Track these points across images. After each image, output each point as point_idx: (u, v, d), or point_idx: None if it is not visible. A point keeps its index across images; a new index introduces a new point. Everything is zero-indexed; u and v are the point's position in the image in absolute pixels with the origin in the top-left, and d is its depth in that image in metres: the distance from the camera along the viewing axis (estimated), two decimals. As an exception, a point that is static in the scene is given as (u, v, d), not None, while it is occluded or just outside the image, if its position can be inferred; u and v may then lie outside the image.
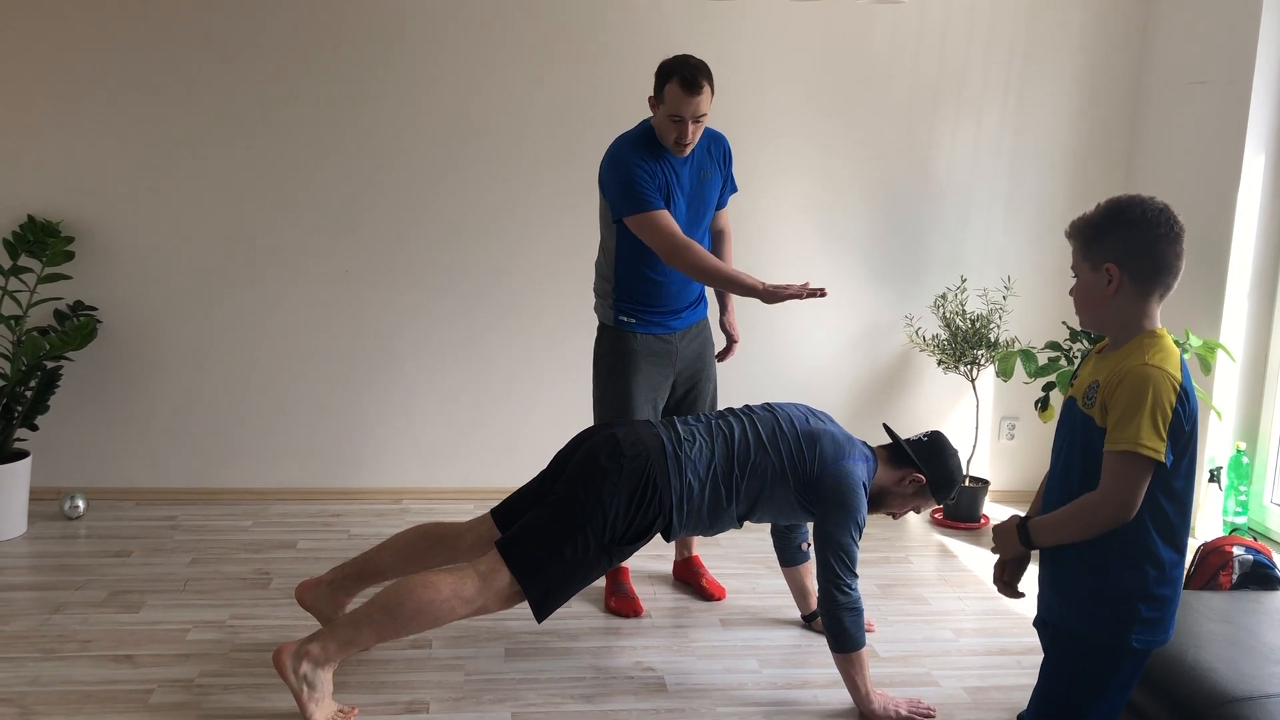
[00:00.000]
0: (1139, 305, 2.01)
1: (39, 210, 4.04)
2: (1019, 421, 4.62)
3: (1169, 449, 1.95)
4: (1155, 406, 1.94)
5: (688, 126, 3.10)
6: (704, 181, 3.32)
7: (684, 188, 3.26)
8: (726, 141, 3.42)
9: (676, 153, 3.19)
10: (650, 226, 3.13)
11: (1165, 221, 1.98)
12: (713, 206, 3.39)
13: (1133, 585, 2.02)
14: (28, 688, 2.77)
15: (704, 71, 3.10)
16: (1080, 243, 2.05)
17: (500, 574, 2.63)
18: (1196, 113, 4.07)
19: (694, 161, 3.28)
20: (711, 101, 3.14)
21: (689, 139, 3.13)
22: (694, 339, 3.45)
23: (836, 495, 2.78)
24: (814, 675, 2.99)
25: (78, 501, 4.01)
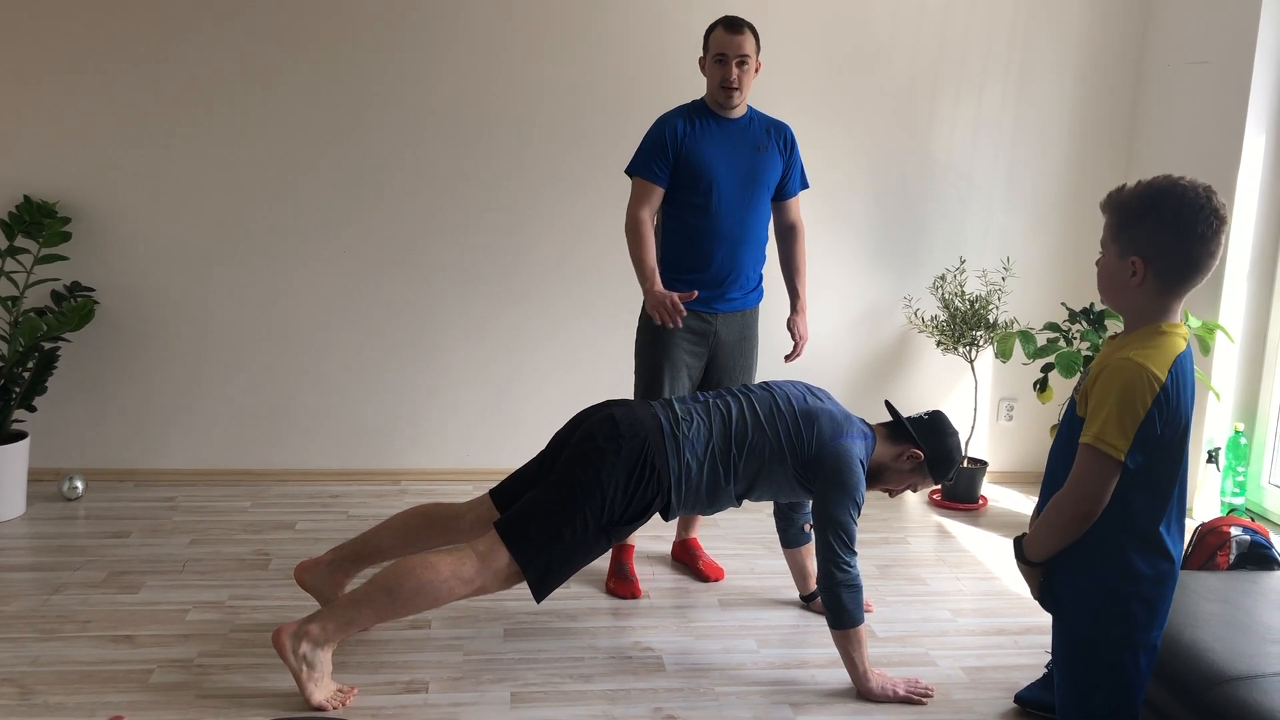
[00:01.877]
0: (1159, 300, 1.94)
1: (35, 191, 4.03)
2: (1017, 402, 4.63)
3: (1135, 450, 1.89)
4: (1124, 404, 1.89)
5: (731, 67, 3.18)
6: (759, 156, 3.30)
7: (730, 154, 3.26)
8: (790, 131, 3.41)
9: (724, 100, 3.23)
10: (632, 189, 3.28)
11: (1204, 219, 1.86)
12: (767, 188, 3.35)
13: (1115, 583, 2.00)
14: (28, 668, 2.77)
15: (748, 22, 3.25)
16: (1112, 221, 1.95)
17: (499, 554, 2.63)
18: (1197, 93, 4.06)
19: (750, 133, 3.31)
20: (758, 54, 3.25)
21: (734, 80, 3.19)
22: (736, 325, 3.42)
23: (835, 473, 2.78)
24: (812, 655, 3.00)
25: (76, 483, 4.01)
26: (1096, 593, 2.02)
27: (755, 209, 3.33)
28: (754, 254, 3.38)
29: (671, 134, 3.27)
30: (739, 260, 3.32)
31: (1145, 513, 1.97)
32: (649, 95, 4.20)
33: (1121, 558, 1.98)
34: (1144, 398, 1.88)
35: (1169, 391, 1.90)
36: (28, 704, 2.60)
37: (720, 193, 3.27)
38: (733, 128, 3.31)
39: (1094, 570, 2.01)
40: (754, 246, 3.37)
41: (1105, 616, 2.02)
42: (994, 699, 2.79)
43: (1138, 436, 1.89)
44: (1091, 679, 2.07)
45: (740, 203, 3.29)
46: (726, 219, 3.29)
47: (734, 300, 3.38)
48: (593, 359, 4.38)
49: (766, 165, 3.32)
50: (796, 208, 3.49)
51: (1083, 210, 4.50)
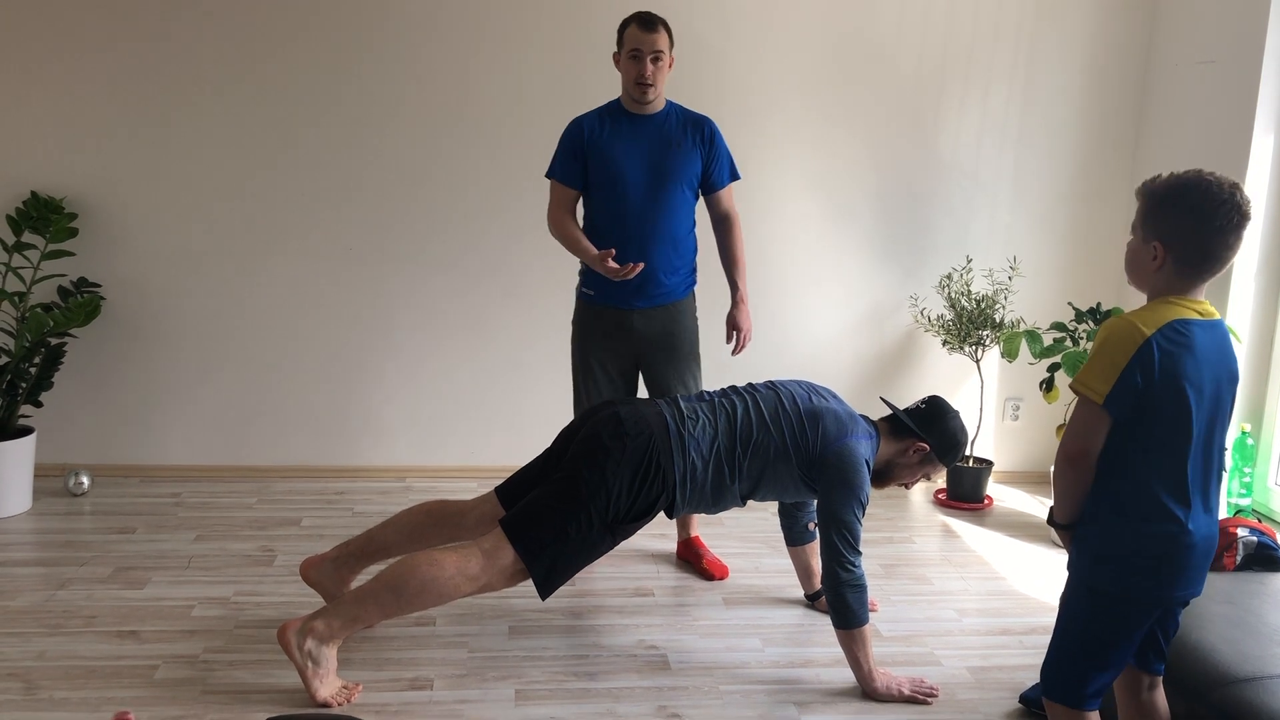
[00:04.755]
0: (1176, 284, 2.02)
1: (42, 187, 4.03)
2: (1023, 402, 4.62)
3: (1117, 398, 1.97)
4: (1104, 350, 1.99)
5: (646, 64, 3.21)
6: (672, 152, 3.31)
7: (639, 152, 3.30)
8: (713, 126, 3.40)
9: (639, 96, 3.26)
10: (549, 192, 3.40)
11: (1224, 213, 1.95)
12: (683, 183, 3.35)
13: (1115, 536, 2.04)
14: (34, 663, 2.78)
15: (661, 18, 3.26)
16: (1141, 206, 2.05)
17: (504, 552, 2.63)
18: (1205, 92, 4.04)
19: (664, 129, 3.32)
20: (671, 50, 3.27)
21: (649, 76, 3.21)
22: (658, 321, 3.42)
23: (839, 473, 2.78)
24: (817, 654, 3.00)
25: (82, 478, 4.02)
26: (1097, 544, 2.07)
27: (669, 205, 3.33)
28: (670, 250, 3.37)
29: (580, 135, 3.35)
30: (651, 257, 3.31)
31: (1145, 472, 2.01)
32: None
33: (1122, 513, 2.03)
34: (1124, 347, 1.97)
35: (1154, 346, 1.96)
36: (33, 699, 2.61)
37: (628, 191, 3.30)
38: (645, 124, 3.32)
39: (1099, 522, 2.06)
40: (669, 243, 3.36)
41: (1103, 567, 2.07)
42: (999, 699, 2.79)
43: (1118, 384, 1.97)
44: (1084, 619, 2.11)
45: (651, 200, 3.30)
46: (636, 217, 3.31)
47: (652, 296, 3.38)
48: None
49: (681, 161, 3.32)
50: (728, 200, 3.48)
51: (1089, 210, 4.49)
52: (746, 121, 4.28)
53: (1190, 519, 2.02)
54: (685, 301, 3.49)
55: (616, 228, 3.33)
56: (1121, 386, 1.97)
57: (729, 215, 3.50)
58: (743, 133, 4.28)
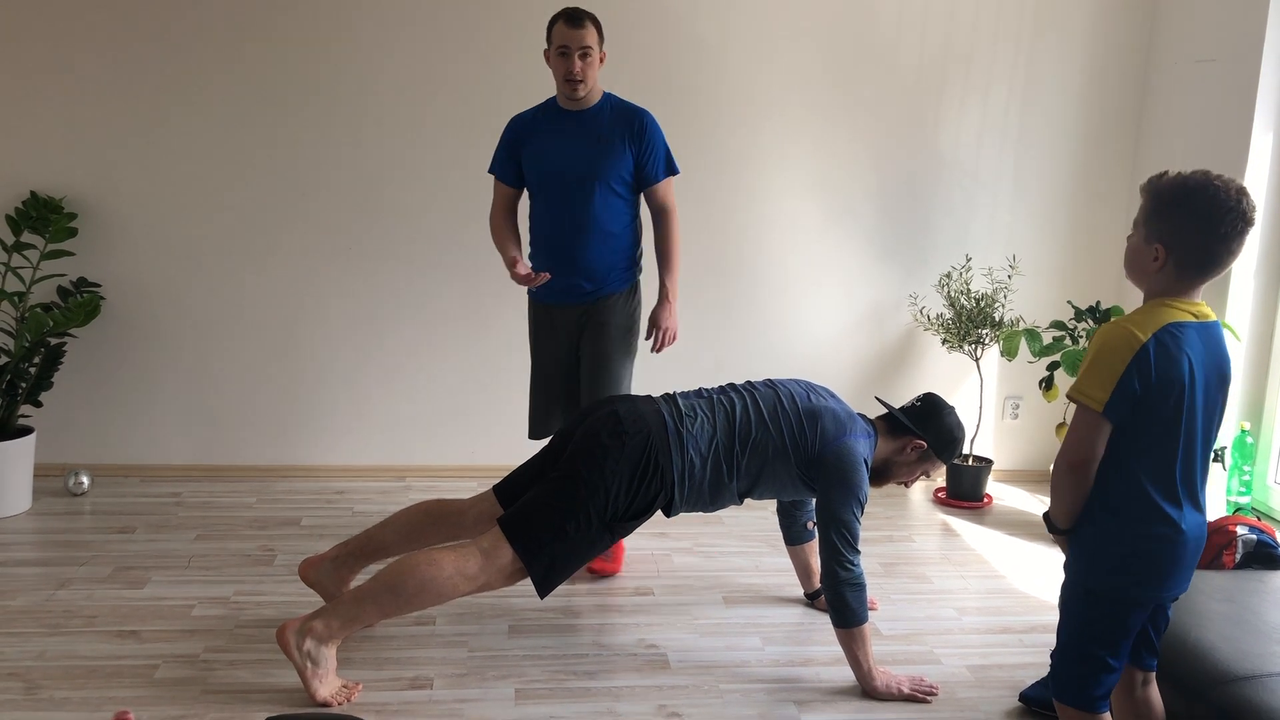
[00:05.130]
0: (1175, 285, 2.01)
1: (42, 186, 4.03)
2: (1023, 401, 4.62)
3: (1116, 405, 1.96)
4: (1100, 357, 1.98)
5: (574, 60, 3.19)
6: (600, 148, 3.29)
7: (566, 148, 3.29)
8: (646, 119, 3.35)
9: (569, 93, 3.25)
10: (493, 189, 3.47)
11: (1229, 220, 1.94)
12: (612, 179, 3.31)
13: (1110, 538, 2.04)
14: (33, 662, 2.78)
15: (589, 14, 3.24)
16: (1146, 205, 2.03)
17: (503, 551, 2.63)
18: (1204, 91, 4.04)
19: (594, 124, 3.30)
20: (601, 45, 3.26)
21: (578, 72, 3.20)
22: (581, 319, 3.42)
23: (838, 472, 2.78)
24: (817, 653, 3.00)
25: (82, 478, 4.02)
26: (1093, 545, 2.07)
27: (597, 201, 3.30)
28: (599, 246, 3.34)
29: (513, 132, 3.38)
30: (579, 252, 3.32)
31: (1138, 474, 2.01)
32: (649, 93, 4.20)
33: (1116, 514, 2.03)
34: (1120, 353, 1.96)
35: (1150, 351, 1.95)
36: (33, 699, 2.61)
37: (557, 188, 3.31)
38: (575, 120, 3.31)
39: (1094, 525, 2.06)
40: (598, 238, 3.33)
41: (1099, 569, 2.07)
42: (999, 697, 2.79)
43: (1117, 391, 1.96)
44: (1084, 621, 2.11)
45: (581, 197, 3.29)
46: (567, 214, 3.31)
47: (583, 293, 3.38)
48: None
49: (608, 156, 3.29)
50: (663, 195, 3.40)
51: (1089, 208, 4.49)
52: (746, 121, 4.28)
53: (1183, 519, 2.03)
54: (618, 297, 3.43)
55: (549, 224, 3.36)
56: (1120, 393, 1.96)
57: (664, 211, 3.42)
58: (742, 132, 4.28)
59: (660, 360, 4.37)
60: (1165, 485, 2.02)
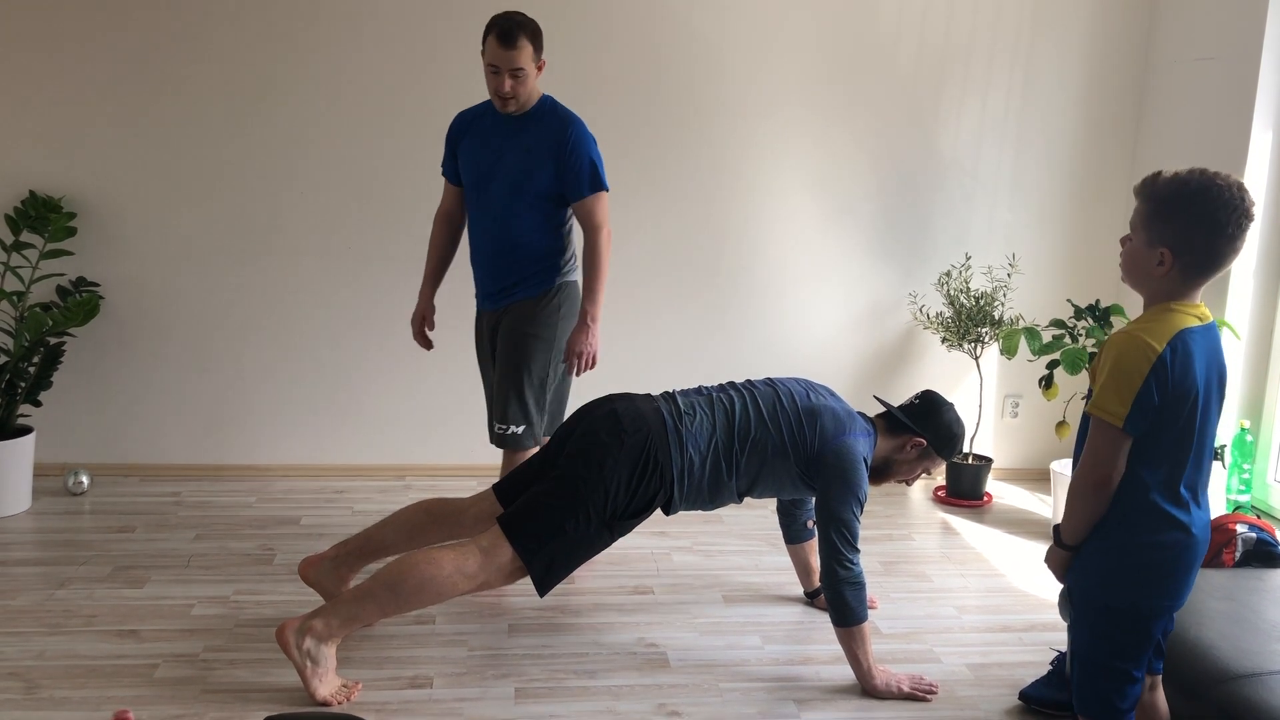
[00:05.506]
0: (1180, 287, 1.99)
1: (40, 186, 4.03)
2: (1023, 399, 4.62)
3: (1135, 418, 1.93)
4: (1118, 371, 1.95)
5: (504, 79, 3.08)
6: (521, 158, 3.18)
7: (498, 153, 3.21)
8: (573, 131, 3.17)
9: (499, 107, 3.16)
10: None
11: (1235, 220, 1.92)
12: (535, 190, 3.18)
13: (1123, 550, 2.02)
14: (33, 662, 2.78)
15: (525, 28, 3.07)
16: (1144, 209, 1.99)
17: (502, 550, 2.64)
18: (1203, 89, 4.04)
19: (521, 134, 3.19)
20: (538, 60, 3.13)
21: (507, 91, 3.09)
22: (502, 320, 3.31)
23: (837, 471, 2.77)
24: (816, 651, 3.00)
25: (81, 477, 4.02)
26: (1107, 560, 2.04)
27: (520, 210, 3.20)
28: (521, 257, 3.24)
29: (454, 130, 3.34)
30: (502, 261, 3.25)
31: (1148, 485, 1.99)
32: (651, 91, 4.20)
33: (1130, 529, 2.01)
34: (1139, 366, 1.93)
35: (1167, 362, 1.93)
36: (33, 698, 2.61)
37: (479, 193, 3.24)
38: (507, 126, 3.21)
39: (1105, 539, 2.03)
40: (523, 249, 3.23)
41: (1118, 584, 2.04)
42: (999, 696, 2.79)
43: (1136, 404, 1.93)
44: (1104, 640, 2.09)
45: (504, 203, 3.20)
46: (487, 219, 3.25)
47: (498, 298, 3.32)
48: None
49: (532, 167, 3.17)
50: (587, 211, 3.21)
51: (1088, 206, 4.49)
52: (746, 119, 4.28)
53: (1192, 522, 2.01)
54: (527, 303, 3.27)
55: (475, 227, 3.32)
56: (1139, 406, 1.93)
57: (588, 227, 3.22)
58: (741, 130, 4.28)
59: (660, 359, 4.38)
60: (1174, 492, 2.00)
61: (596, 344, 3.25)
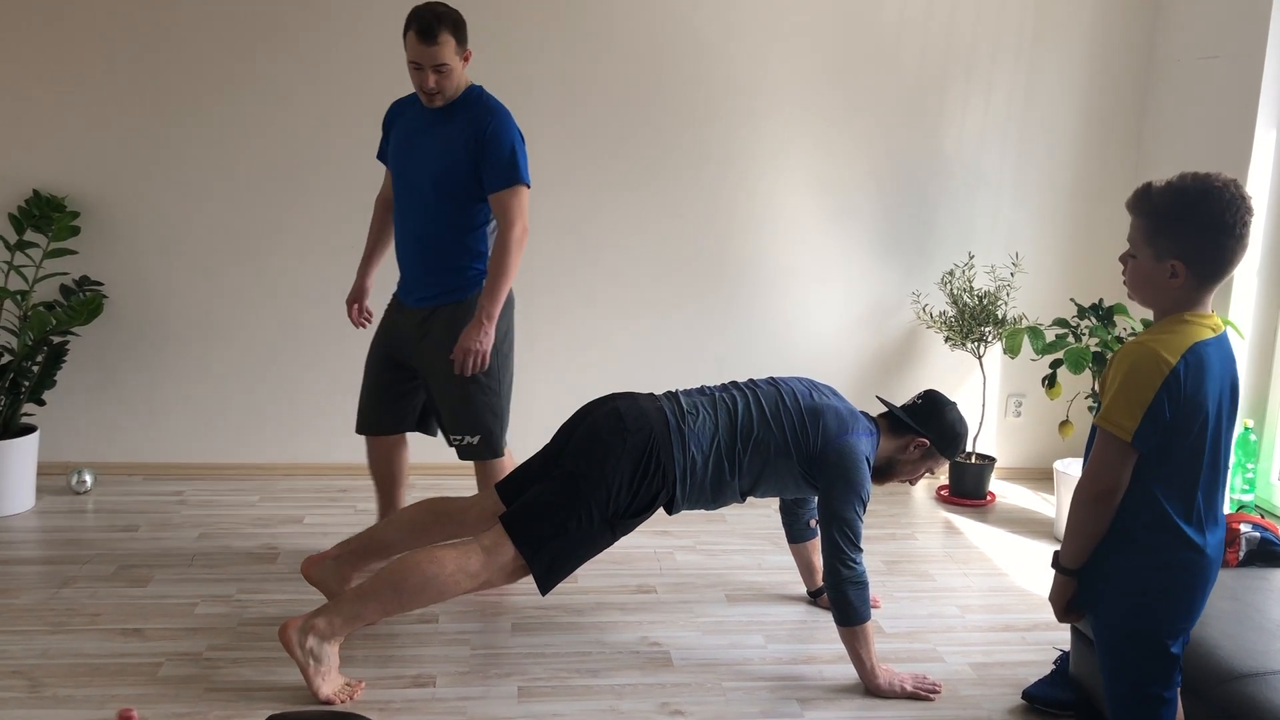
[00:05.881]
0: (1195, 295, 1.94)
1: (44, 185, 4.03)
2: (1026, 399, 4.61)
3: (1145, 433, 1.88)
4: (1130, 384, 1.89)
5: (428, 75, 2.99)
6: (445, 144, 3.08)
7: (421, 144, 3.12)
8: (494, 123, 3.06)
9: (425, 102, 3.09)
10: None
11: (1239, 217, 1.87)
12: (454, 182, 3.08)
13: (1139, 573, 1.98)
14: (37, 660, 2.78)
15: (445, 20, 2.97)
16: (1145, 224, 1.95)
17: (505, 548, 2.64)
18: (1208, 88, 4.03)
19: (444, 125, 3.09)
20: (462, 52, 3.03)
21: (431, 87, 3.01)
22: (427, 332, 3.18)
23: (840, 470, 2.77)
24: (819, 651, 3.00)
25: (85, 476, 4.02)
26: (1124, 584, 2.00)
27: (441, 203, 3.10)
28: (439, 251, 3.14)
29: (388, 117, 3.30)
30: (420, 255, 3.17)
31: (1163, 503, 1.95)
32: (654, 91, 4.20)
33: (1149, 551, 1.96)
34: (1150, 379, 1.88)
35: (1180, 375, 1.88)
36: (37, 696, 2.61)
37: (402, 182, 3.16)
38: (432, 118, 3.12)
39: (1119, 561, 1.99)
40: (440, 243, 3.13)
41: (1138, 609, 2.01)
42: (1002, 695, 2.79)
43: (1146, 419, 1.88)
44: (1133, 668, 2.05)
45: (423, 195, 3.11)
46: (407, 210, 3.17)
47: (420, 296, 3.19)
48: (598, 352, 4.38)
49: (451, 157, 3.07)
50: (502, 204, 3.06)
51: (1092, 205, 4.48)
52: (749, 119, 4.27)
53: (1206, 542, 1.98)
54: (460, 307, 3.16)
55: (400, 221, 3.22)
56: (1150, 420, 1.88)
57: (501, 221, 3.08)
58: (744, 130, 4.27)
59: (663, 358, 4.38)
60: (1189, 510, 1.95)
61: (489, 343, 3.09)
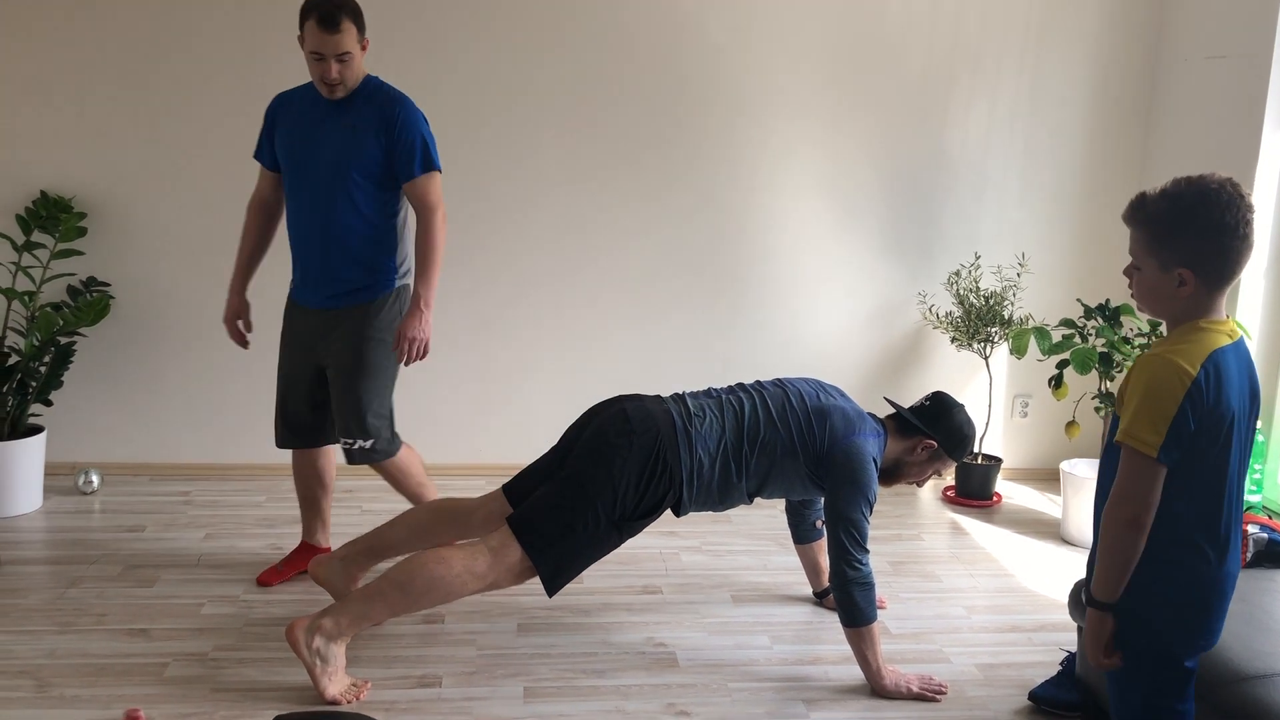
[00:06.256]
0: (1206, 301, 1.90)
1: (52, 186, 4.04)
2: (1032, 399, 4.60)
3: (1170, 447, 1.83)
4: (1151, 397, 1.83)
5: (330, 65, 2.90)
6: (347, 139, 3.00)
7: (315, 135, 3.03)
8: (401, 110, 3.03)
9: (325, 94, 2.99)
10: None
11: (1241, 217, 1.83)
12: (362, 173, 3.00)
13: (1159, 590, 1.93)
14: (44, 660, 2.79)
15: (346, 8, 2.89)
16: (1146, 235, 1.90)
17: (511, 550, 2.64)
18: (1215, 88, 4.02)
19: (348, 112, 3.02)
20: (362, 40, 2.95)
21: (334, 77, 2.92)
22: (336, 325, 3.11)
23: (847, 471, 2.77)
24: (825, 651, 2.99)
25: (92, 477, 4.03)
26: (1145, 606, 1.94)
27: (345, 196, 3.01)
28: (349, 248, 3.06)
29: (271, 112, 3.15)
30: (324, 253, 3.06)
31: (1187, 521, 1.90)
32: (660, 94, 4.20)
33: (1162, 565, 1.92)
34: (1172, 391, 1.82)
35: (1202, 386, 1.83)
36: (44, 696, 2.62)
37: (303, 180, 3.05)
38: (330, 109, 3.02)
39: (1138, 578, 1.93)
40: (345, 238, 3.05)
41: (1159, 630, 1.96)
42: (1008, 696, 2.78)
43: (1171, 431, 1.82)
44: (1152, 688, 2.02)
45: (325, 189, 3.01)
46: (307, 206, 3.06)
47: (326, 297, 3.11)
48: (604, 353, 4.38)
49: (357, 148, 2.99)
50: (420, 191, 3.05)
51: (1098, 206, 4.47)
52: (756, 120, 4.27)
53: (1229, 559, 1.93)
54: (372, 305, 3.10)
55: (299, 219, 3.11)
56: (1174, 434, 1.82)
57: (422, 209, 3.07)
58: (751, 131, 4.27)
59: (670, 360, 4.37)
60: (1210, 528, 1.91)
61: (429, 331, 3.07)
